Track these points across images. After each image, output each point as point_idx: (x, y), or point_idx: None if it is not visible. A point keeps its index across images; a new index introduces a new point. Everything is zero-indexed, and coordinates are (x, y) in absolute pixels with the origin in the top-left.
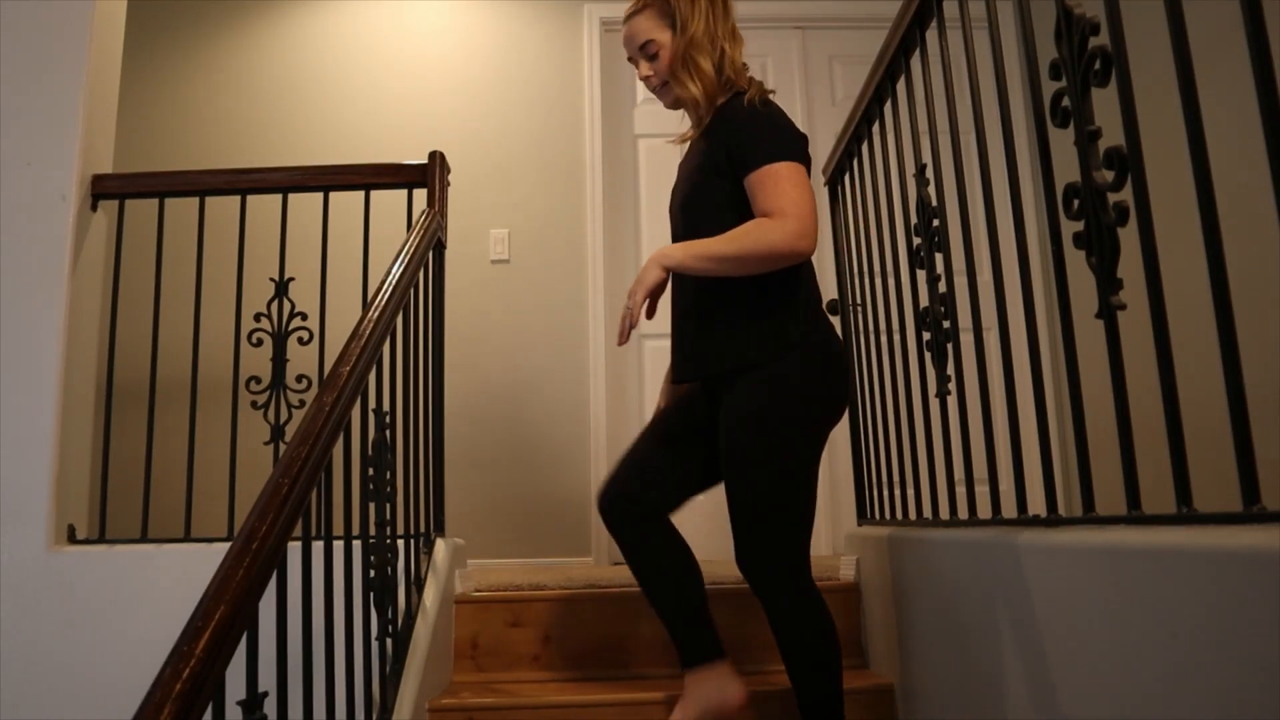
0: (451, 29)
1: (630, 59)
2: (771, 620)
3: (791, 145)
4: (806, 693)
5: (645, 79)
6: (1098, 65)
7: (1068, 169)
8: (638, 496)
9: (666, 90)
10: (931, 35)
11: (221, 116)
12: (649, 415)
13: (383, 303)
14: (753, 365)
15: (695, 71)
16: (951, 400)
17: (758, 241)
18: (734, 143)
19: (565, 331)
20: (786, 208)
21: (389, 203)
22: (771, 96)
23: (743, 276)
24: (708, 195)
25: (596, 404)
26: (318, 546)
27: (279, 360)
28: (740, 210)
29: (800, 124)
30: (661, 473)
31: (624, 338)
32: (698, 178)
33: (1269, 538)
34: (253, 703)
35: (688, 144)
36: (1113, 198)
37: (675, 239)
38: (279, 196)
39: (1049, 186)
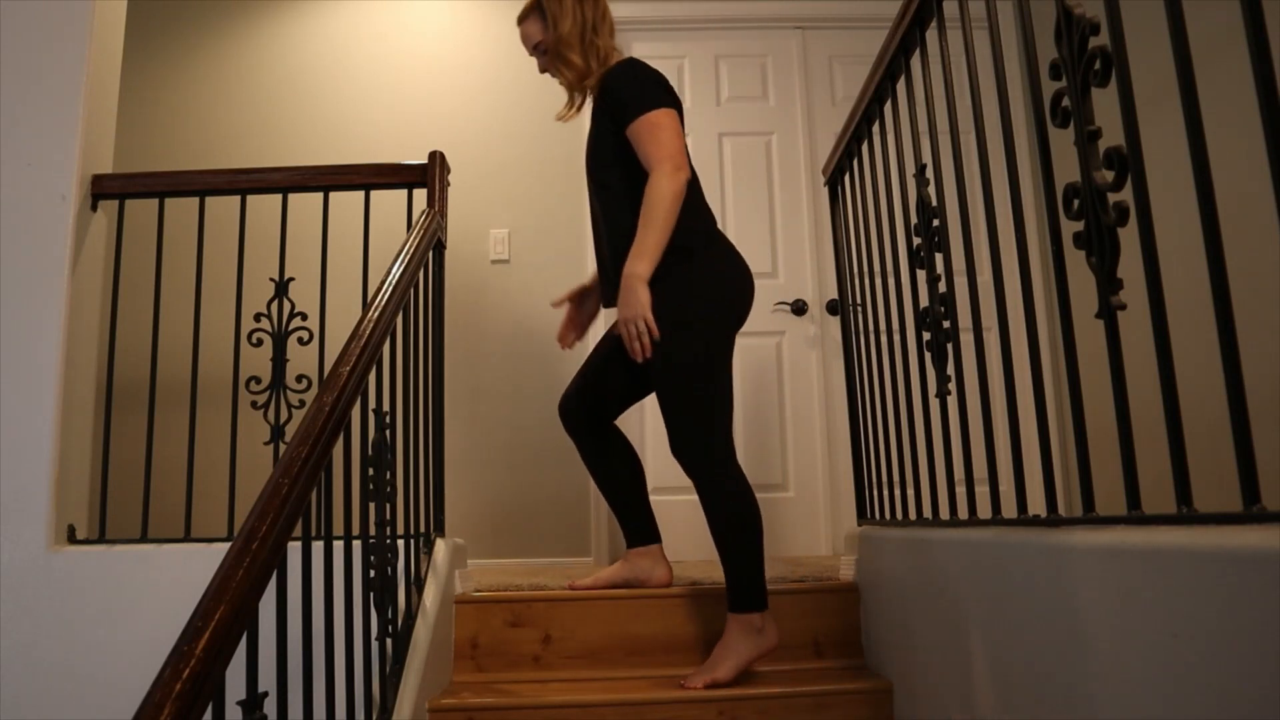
0: (451, 29)
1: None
2: (702, 497)
3: (652, 93)
4: (733, 559)
5: (542, 71)
6: (1098, 65)
7: (1068, 169)
8: (584, 409)
9: (560, 81)
10: (931, 35)
11: (221, 116)
12: (647, 415)
13: (383, 303)
14: (659, 279)
15: (565, 64)
16: (951, 400)
17: (658, 202)
18: (611, 104)
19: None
20: (658, 153)
21: (389, 203)
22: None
23: (633, 210)
24: (603, 151)
25: None
26: (318, 546)
27: (279, 360)
28: (626, 159)
29: (800, 124)
30: (603, 387)
31: (645, 354)
32: (594, 138)
33: (1269, 538)
34: (253, 703)
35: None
36: (1113, 198)
37: (590, 190)
38: (279, 196)
39: (1049, 186)
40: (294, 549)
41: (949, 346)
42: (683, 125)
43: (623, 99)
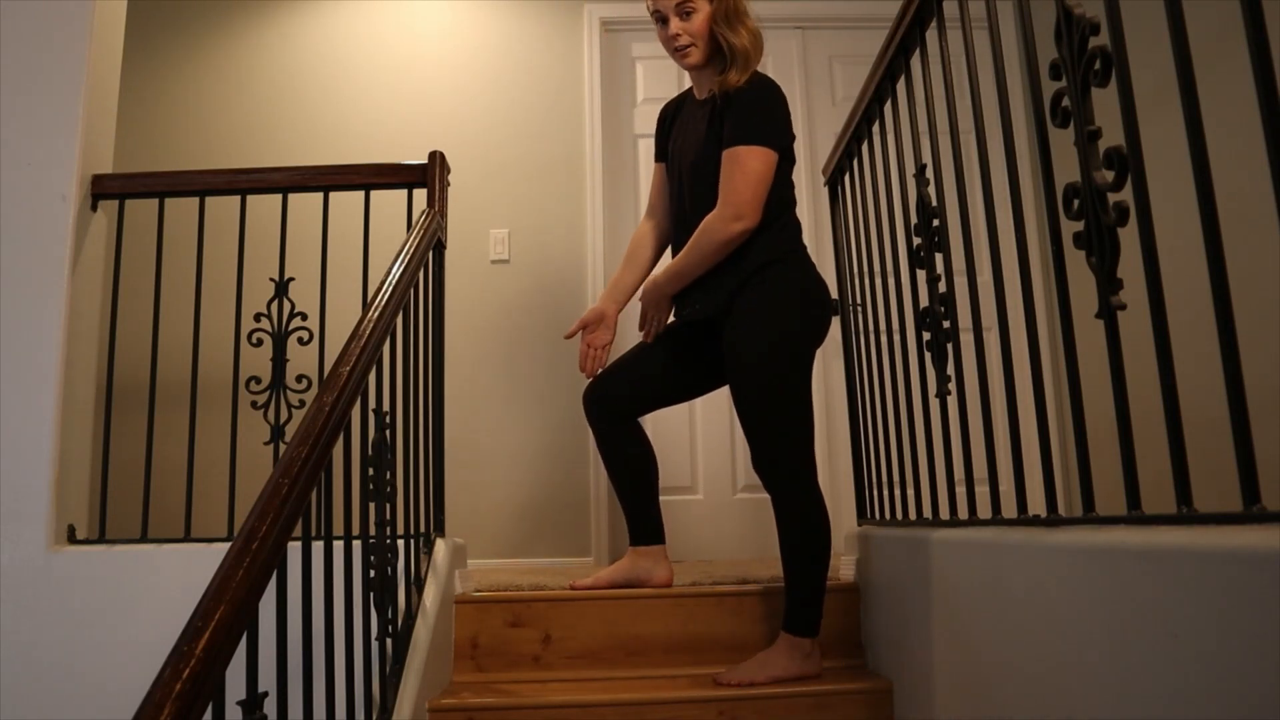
0: (452, 29)
1: (656, 14)
2: (776, 512)
3: (764, 128)
4: (796, 580)
5: (674, 36)
6: (1098, 65)
7: (1068, 169)
8: (618, 398)
9: (691, 51)
10: (931, 35)
11: (221, 116)
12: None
13: (383, 303)
14: (746, 293)
15: (734, 32)
16: (951, 400)
17: (709, 241)
18: (729, 118)
19: (565, 331)
20: (728, 195)
21: (389, 203)
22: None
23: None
24: (717, 164)
25: None
26: (318, 546)
27: (279, 360)
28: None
29: (800, 124)
30: (648, 382)
31: (650, 337)
32: (710, 146)
33: (1269, 538)
34: (253, 703)
35: (693, 99)
36: (1113, 198)
37: (686, 192)
38: (279, 196)
39: (1049, 186)
40: (294, 549)
41: (949, 346)
42: (790, 156)
43: (737, 118)
